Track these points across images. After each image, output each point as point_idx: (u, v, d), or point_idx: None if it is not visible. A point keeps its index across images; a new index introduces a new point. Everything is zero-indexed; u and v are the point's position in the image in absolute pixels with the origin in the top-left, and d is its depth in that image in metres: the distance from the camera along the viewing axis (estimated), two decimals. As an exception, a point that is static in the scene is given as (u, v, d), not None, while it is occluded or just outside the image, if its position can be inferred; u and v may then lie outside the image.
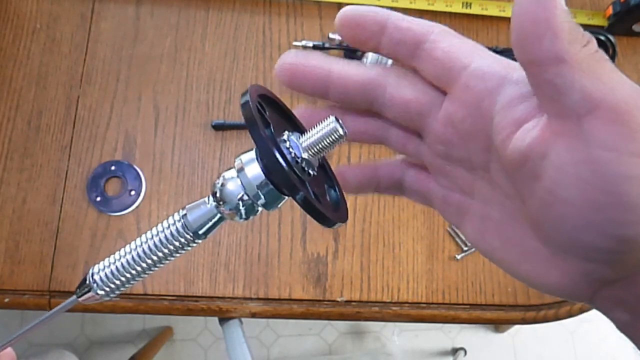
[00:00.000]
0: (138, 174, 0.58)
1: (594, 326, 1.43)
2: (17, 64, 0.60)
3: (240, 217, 0.22)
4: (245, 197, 0.21)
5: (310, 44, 0.60)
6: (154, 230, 0.23)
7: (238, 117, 0.60)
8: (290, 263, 0.56)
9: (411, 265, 0.57)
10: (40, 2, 0.63)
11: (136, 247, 0.23)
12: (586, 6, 0.65)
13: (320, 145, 0.21)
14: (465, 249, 0.57)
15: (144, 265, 0.23)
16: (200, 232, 0.22)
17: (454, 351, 1.37)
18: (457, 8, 0.63)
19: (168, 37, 0.62)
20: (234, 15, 0.64)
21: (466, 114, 0.21)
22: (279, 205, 0.22)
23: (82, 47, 0.62)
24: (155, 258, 0.23)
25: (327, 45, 0.60)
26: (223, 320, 0.68)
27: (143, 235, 0.23)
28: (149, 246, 0.23)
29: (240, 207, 0.21)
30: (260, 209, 0.22)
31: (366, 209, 0.58)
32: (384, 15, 0.22)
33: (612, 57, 0.60)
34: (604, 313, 0.21)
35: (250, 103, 0.20)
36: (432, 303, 0.56)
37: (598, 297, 0.20)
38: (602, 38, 0.59)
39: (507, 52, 0.60)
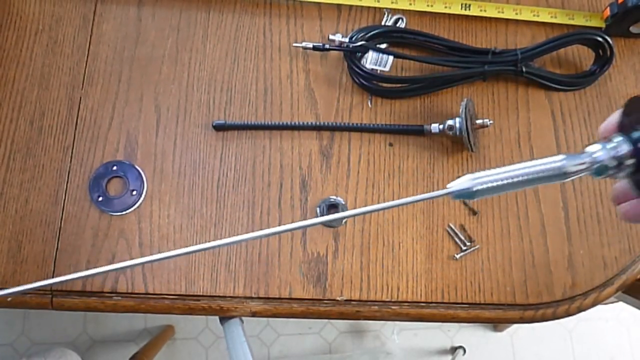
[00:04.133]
0: (139, 174, 0.58)
1: (592, 325, 1.43)
2: (19, 65, 0.61)
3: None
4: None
5: (310, 45, 0.60)
6: (532, 162, 0.31)
7: (238, 118, 0.61)
8: (290, 262, 0.57)
9: (410, 264, 0.57)
10: (43, 3, 0.63)
11: (511, 170, 0.31)
12: (584, 7, 0.66)
13: None
14: (464, 248, 0.57)
15: (514, 182, 0.31)
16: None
17: (453, 350, 1.38)
18: (456, 9, 0.64)
19: (169, 38, 0.63)
20: (234, 16, 0.64)
21: None
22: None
23: (84, 49, 0.62)
24: (524, 181, 0.31)
25: (327, 46, 0.60)
26: (224, 319, 0.68)
27: (519, 164, 0.31)
28: (523, 172, 0.31)
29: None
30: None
31: (366, 209, 0.59)
32: None
33: (610, 59, 0.60)
34: None
35: None
36: (431, 302, 0.56)
37: None
38: (600, 39, 0.60)
39: (505, 53, 0.61)
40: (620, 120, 0.33)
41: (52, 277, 0.55)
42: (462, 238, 0.58)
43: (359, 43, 0.59)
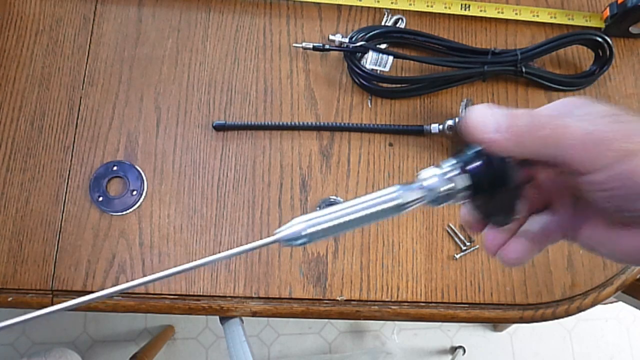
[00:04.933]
0: (140, 174, 0.58)
1: (592, 325, 1.44)
2: (20, 66, 0.61)
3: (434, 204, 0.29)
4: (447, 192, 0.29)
5: (310, 46, 0.60)
6: (366, 198, 0.28)
7: (239, 118, 0.61)
8: (290, 262, 0.57)
9: (410, 264, 0.57)
10: (43, 4, 0.63)
11: (344, 208, 0.28)
12: (584, 8, 0.66)
13: None
14: (464, 248, 0.58)
15: (348, 223, 0.28)
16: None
17: (453, 350, 1.38)
18: (456, 10, 0.64)
19: (170, 38, 0.63)
20: (234, 17, 0.64)
21: None
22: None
23: (85, 49, 0.62)
24: (359, 220, 0.28)
25: (327, 46, 0.60)
26: (224, 319, 0.69)
27: (353, 200, 0.28)
28: (357, 209, 0.28)
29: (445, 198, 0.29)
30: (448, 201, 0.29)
31: (366, 209, 0.59)
32: None
33: (609, 59, 0.61)
34: None
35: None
36: (431, 302, 0.57)
37: None
38: (599, 40, 0.60)
39: (504, 54, 0.61)
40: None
41: (53, 277, 0.55)
42: (462, 238, 0.58)
43: (359, 43, 0.59)
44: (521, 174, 0.29)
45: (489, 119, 0.27)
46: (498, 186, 0.28)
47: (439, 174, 0.29)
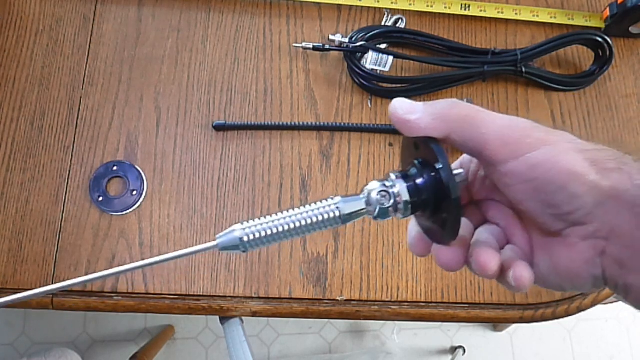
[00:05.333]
0: (140, 174, 0.58)
1: (592, 325, 1.43)
2: (20, 65, 0.61)
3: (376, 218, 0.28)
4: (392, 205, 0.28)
5: (310, 46, 0.60)
6: (307, 207, 0.28)
7: (239, 118, 0.61)
8: (290, 262, 0.57)
9: (410, 264, 0.57)
10: (43, 4, 0.63)
11: (285, 216, 0.28)
12: (584, 8, 0.66)
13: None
14: (464, 248, 0.57)
15: (288, 231, 0.28)
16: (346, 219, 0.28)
17: (453, 350, 1.38)
18: (456, 10, 0.64)
19: (170, 38, 0.63)
20: (234, 17, 0.64)
21: None
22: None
23: (85, 49, 0.62)
24: (299, 228, 0.28)
25: (327, 46, 0.60)
26: (224, 319, 0.69)
27: (295, 209, 0.28)
28: (298, 219, 0.28)
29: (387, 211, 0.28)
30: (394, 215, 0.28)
31: (366, 209, 0.59)
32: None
33: (609, 59, 0.61)
34: (618, 287, 0.26)
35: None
36: (431, 302, 0.57)
37: (608, 266, 0.25)
38: (599, 40, 0.60)
39: (504, 54, 0.61)
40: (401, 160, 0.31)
41: (53, 277, 0.55)
42: (462, 238, 0.58)
43: (359, 43, 0.59)
44: (461, 187, 0.29)
45: (410, 104, 0.28)
46: (438, 201, 0.27)
47: (379, 188, 0.28)
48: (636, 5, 0.59)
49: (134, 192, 0.58)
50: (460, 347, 1.37)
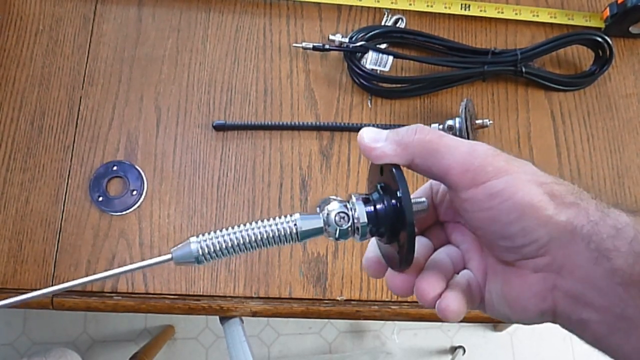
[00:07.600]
0: (140, 174, 0.58)
1: (593, 325, 1.43)
2: (20, 65, 0.61)
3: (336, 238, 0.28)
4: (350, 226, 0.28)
5: (310, 46, 0.60)
6: (265, 222, 0.28)
7: (239, 118, 0.61)
8: (290, 262, 0.57)
9: (410, 264, 0.57)
10: (43, 4, 0.63)
11: (242, 230, 0.28)
12: (583, 8, 0.66)
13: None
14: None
15: (244, 244, 0.28)
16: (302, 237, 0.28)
17: (453, 349, 1.38)
18: (456, 10, 0.64)
19: (170, 38, 0.63)
20: (234, 17, 0.64)
21: None
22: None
23: (85, 49, 0.62)
24: (255, 242, 0.28)
25: (327, 46, 0.60)
26: (224, 319, 0.68)
27: (253, 222, 0.28)
28: (255, 232, 0.28)
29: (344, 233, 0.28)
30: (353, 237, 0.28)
31: (366, 209, 0.59)
32: None
33: (609, 59, 0.61)
34: (572, 323, 0.26)
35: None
36: (431, 302, 0.56)
37: (559, 300, 0.25)
38: (599, 40, 0.60)
39: (504, 54, 0.61)
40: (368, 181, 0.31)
41: (53, 277, 0.55)
42: (462, 238, 0.58)
43: (359, 43, 0.59)
44: (422, 215, 0.29)
45: (375, 133, 0.28)
46: (395, 227, 0.27)
47: (338, 209, 0.28)
48: (636, 5, 0.59)
49: (134, 192, 0.58)
50: (460, 347, 1.37)
